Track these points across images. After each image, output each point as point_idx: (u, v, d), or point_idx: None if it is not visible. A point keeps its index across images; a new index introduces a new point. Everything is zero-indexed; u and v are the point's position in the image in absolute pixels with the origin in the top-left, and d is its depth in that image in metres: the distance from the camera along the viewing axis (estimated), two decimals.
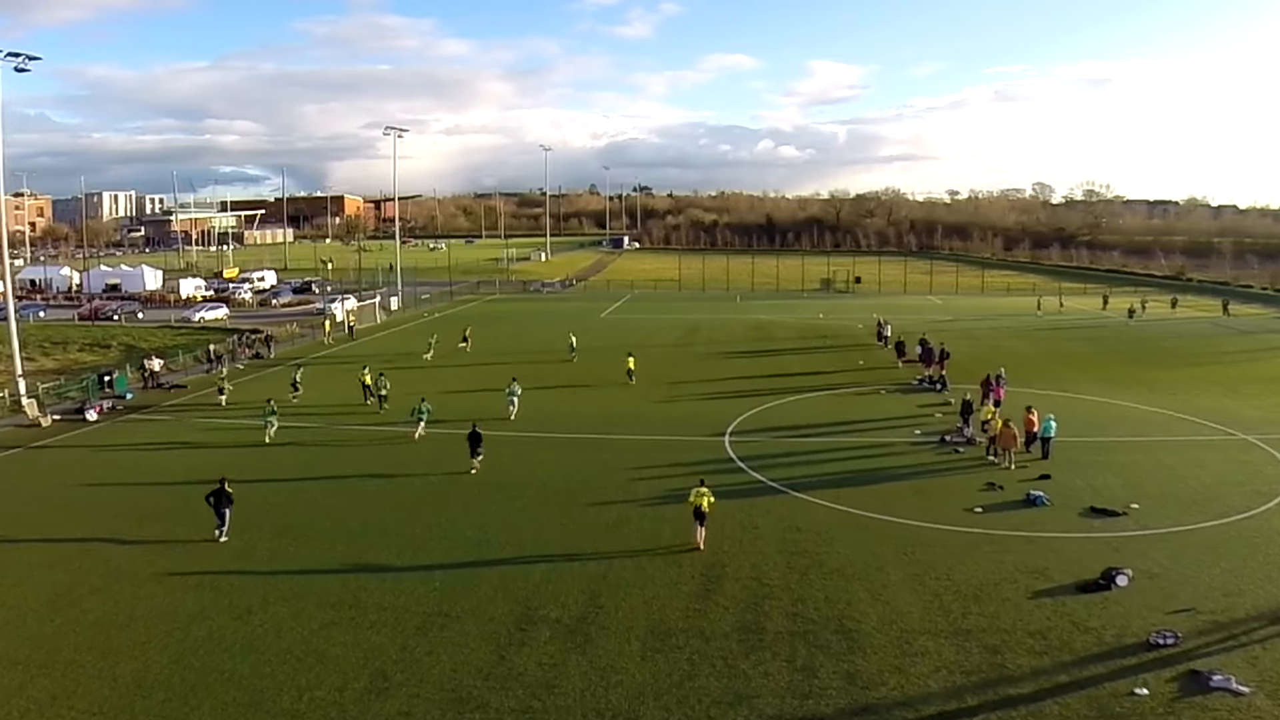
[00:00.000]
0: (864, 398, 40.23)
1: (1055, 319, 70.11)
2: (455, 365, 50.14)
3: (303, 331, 62.42)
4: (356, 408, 39.12)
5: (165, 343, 60.34)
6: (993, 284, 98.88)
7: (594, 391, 41.81)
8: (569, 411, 37.85)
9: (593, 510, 25.54)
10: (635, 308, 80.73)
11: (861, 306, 78.81)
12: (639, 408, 38.39)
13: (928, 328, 61.14)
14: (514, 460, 30.66)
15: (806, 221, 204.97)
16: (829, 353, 52.59)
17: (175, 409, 40.21)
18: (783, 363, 49.19)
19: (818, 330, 62.53)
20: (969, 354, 49.88)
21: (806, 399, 39.86)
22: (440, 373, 47.42)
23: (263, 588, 20.41)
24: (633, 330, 62.68)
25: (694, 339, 59.12)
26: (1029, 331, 62.72)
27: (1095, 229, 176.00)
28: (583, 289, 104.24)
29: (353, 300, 73.81)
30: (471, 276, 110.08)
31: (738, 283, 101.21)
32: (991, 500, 26.17)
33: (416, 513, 25.61)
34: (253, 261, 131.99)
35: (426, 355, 52.46)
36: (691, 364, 48.81)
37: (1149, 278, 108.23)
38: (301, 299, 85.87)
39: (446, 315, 75.85)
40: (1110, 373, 46.26)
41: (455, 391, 41.65)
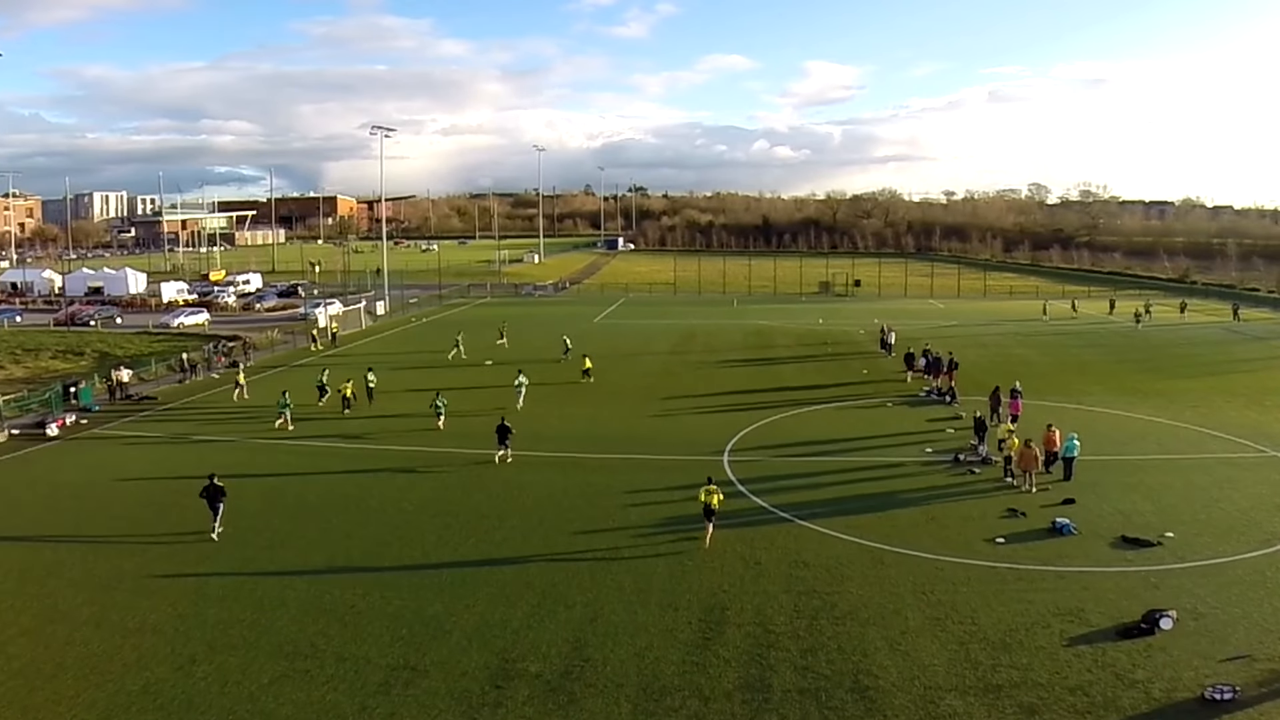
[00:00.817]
0: (870, 411, 38.13)
1: (1061, 324, 68.16)
2: (447, 367, 48.04)
3: (284, 338, 60.14)
4: (319, 412, 37.04)
5: (141, 350, 58.07)
6: (995, 287, 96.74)
7: (585, 405, 39.67)
8: (558, 427, 35.69)
9: (581, 541, 23.41)
10: (630, 312, 78.59)
11: (862, 311, 76.86)
12: (633, 423, 36.26)
13: (931, 334, 59.28)
14: (497, 483, 28.53)
15: (803, 222, 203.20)
16: (830, 361, 50.45)
17: (142, 422, 37.96)
18: (782, 373, 47.10)
19: (818, 337, 60.42)
20: (976, 362, 47.88)
21: (809, 413, 37.76)
22: (430, 375, 45.28)
23: (211, 633, 18.32)
24: (627, 336, 60.62)
25: (690, 346, 56.99)
26: (1036, 337, 60.75)
27: (1093, 230, 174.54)
28: (576, 292, 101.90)
29: (337, 305, 71.46)
30: (463, 279, 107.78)
31: (734, 285, 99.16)
32: (1014, 529, 24.10)
33: (387, 543, 23.48)
34: (241, 263, 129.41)
35: (452, 354, 53.33)
36: (687, 374, 46.66)
37: (1153, 280, 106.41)
38: (287, 303, 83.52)
39: (435, 320, 73.68)
40: (1126, 383, 44.25)
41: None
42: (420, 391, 42.50)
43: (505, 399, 38.80)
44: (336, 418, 37.50)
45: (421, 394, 40.73)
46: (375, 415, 38.11)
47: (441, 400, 35.85)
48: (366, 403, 39.74)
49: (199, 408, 40.86)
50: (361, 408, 39.01)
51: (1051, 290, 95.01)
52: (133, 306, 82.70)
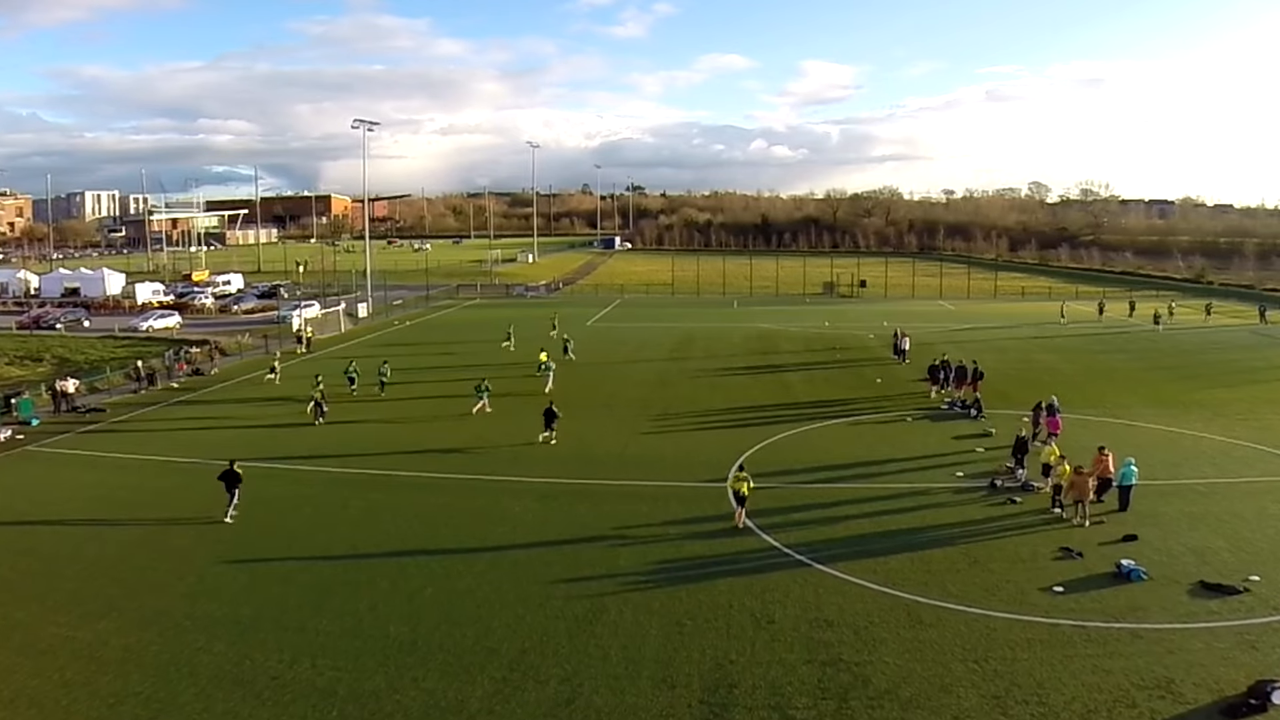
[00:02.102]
0: (888, 427, 34.38)
1: (1081, 327, 64.44)
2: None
3: (256, 342, 56.39)
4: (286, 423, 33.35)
5: (104, 355, 54.42)
6: (1005, 288, 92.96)
7: (573, 420, 35.83)
8: (541, 449, 31.96)
9: (559, 593, 19.73)
10: (625, 314, 74.57)
11: (870, 313, 73.08)
12: (625, 441, 32.54)
13: (945, 338, 55.77)
14: (467, 516, 24.83)
15: (803, 221, 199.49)
16: (840, 369, 46.63)
17: (85, 438, 34.22)
18: (789, 382, 43.28)
19: (825, 341, 56.54)
20: (997, 370, 44.22)
21: (820, 429, 34.03)
22: (402, 389, 41.63)
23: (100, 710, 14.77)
24: (621, 341, 56.81)
25: (688, 352, 53.12)
26: (1056, 341, 56.99)
27: (1097, 229, 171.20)
28: (569, 293, 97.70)
29: (315, 307, 67.71)
30: (453, 279, 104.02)
31: (734, 286, 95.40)
32: (1072, 574, 20.46)
33: (328, 592, 19.79)
34: (229, 263, 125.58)
35: (506, 344, 54.62)
36: (685, 384, 42.81)
37: (1167, 280, 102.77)
38: (267, 305, 79.72)
39: (420, 322, 69.89)
40: (1162, 392, 40.57)
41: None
42: (395, 400, 39.07)
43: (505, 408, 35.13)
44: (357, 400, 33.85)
45: (393, 403, 37.31)
46: (351, 421, 34.46)
47: (487, 384, 37.73)
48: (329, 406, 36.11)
49: (150, 421, 37.12)
50: (337, 413, 35.39)
51: (1064, 291, 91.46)
52: (105, 309, 79.00)
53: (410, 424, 35.26)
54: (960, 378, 37.93)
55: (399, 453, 31.07)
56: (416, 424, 35.31)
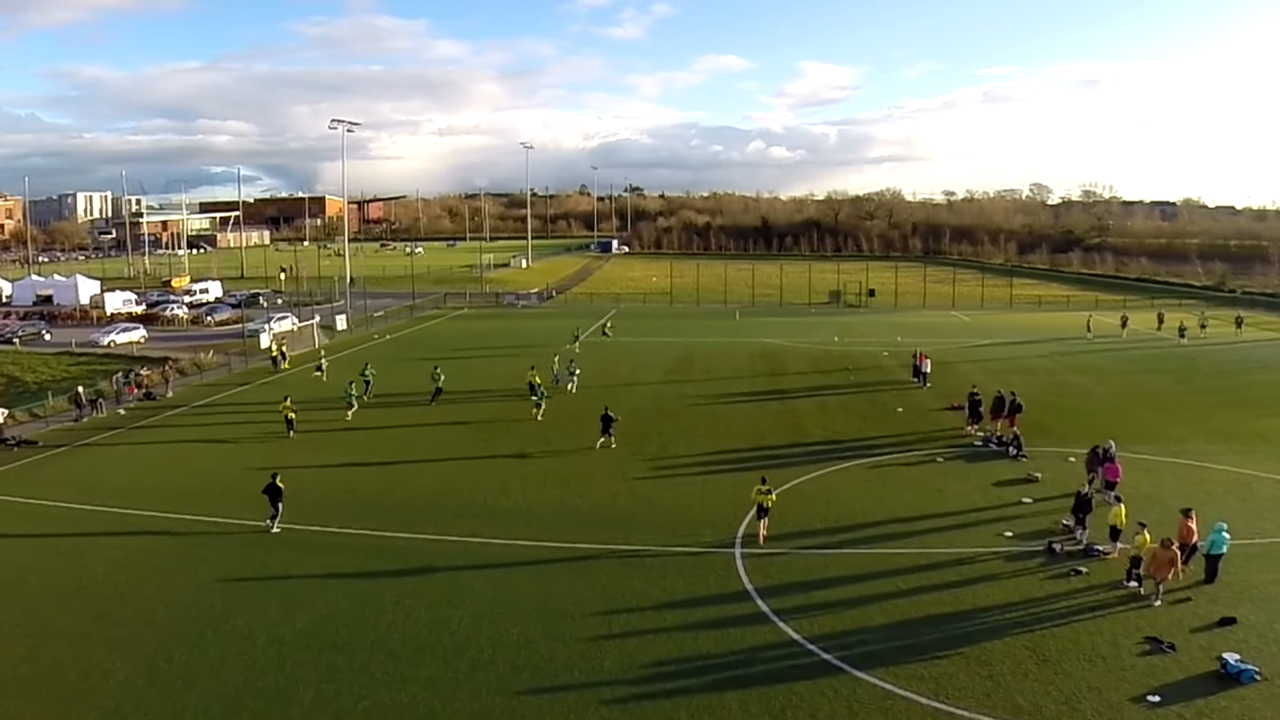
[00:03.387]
0: (916, 470, 30.16)
1: (1107, 342, 60.20)
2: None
3: (223, 360, 52.17)
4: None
5: (57, 374, 50.28)
6: (1021, 296, 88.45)
7: (557, 460, 31.78)
8: (519, 496, 27.81)
9: (528, 710, 15.65)
10: (620, 327, 69.65)
11: (880, 325, 68.84)
12: (615, 489, 28.32)
13: (966, 357, 51.70)
14: (419, 596, 20.60)
15: (804, 224, 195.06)
16: (855, 394, 42.28)
17: (6, 477, 30.03)
18: (800, 412, 38.77)
19: (836, 360, 52.07)
20: (1029, 395, 40.01)
21: (839, 473, 29.84)
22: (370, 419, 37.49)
23: None
24: (615, 359, 52.35)
25: (688, 373, 48.69)
26: (1085, 359, 52.60)
27: (1103, 232, 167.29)
28: (563, 302, 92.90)
29: (290, 319, 63.44)
30: (442, 286, 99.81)
31: (735, 293, 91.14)
32: (1166, 674, 16.60)
33: (234, 715, 15.65)
34: (214, 268, 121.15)
35: (572, 345, 55.63)
36: (684, 414, 38.36)
37: (1185, 288, 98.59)
38: (244, 315, 75.27)
39: (400, 336, 65.42)
40: (1216, 422, 36.43)
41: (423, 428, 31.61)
42: (366, 429, 34.88)
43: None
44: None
45: (362, 433, 33.12)
46: (312, 466, 30.30)
47: (542, 390, 38.35)
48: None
49: (82, 458, 32.90)
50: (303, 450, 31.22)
51: (1083, 300, 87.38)
52: (71, 320, 74.67)
53: (371, 467, 31.10)
54: (997, 410, 33.74)
55: (355, 503, 26.92)
56: (378, 467, 31.11)
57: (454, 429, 36.78)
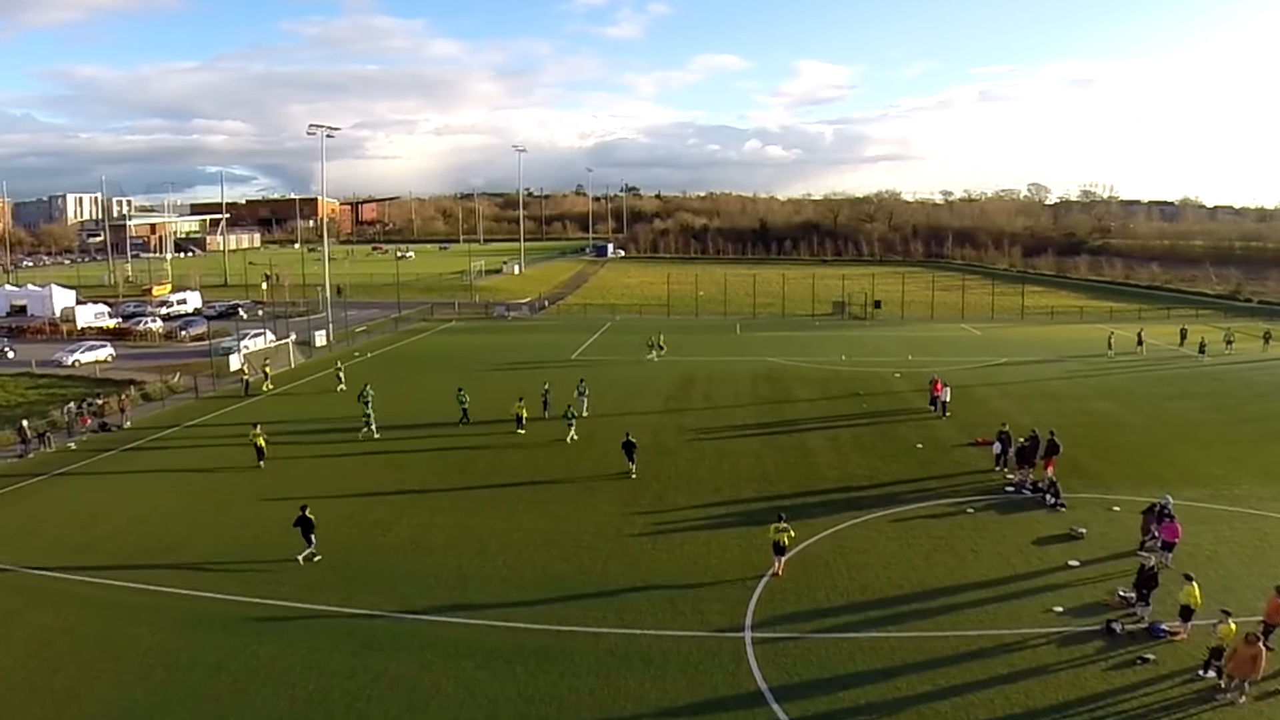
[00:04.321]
0: (945, 524, 26.91)
1: (1129, 359, 56.90)
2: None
3: (190, 384, 48.81)
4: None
5: (13, 398, 47.17)
6: (1032, 306, 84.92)
7: (542, 512, 28.51)
8: (499, 557, 24.56)
9: None
10: (615, 343, 66.25)
11: (889, 342, 65.41)
12: (608, 549, 25.06)
13: (984, 379, 48.45)
14: (376, 701, 17.36)
15: (802, 226, 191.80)
16: (869, 426, 38.87)
17: None
18: (810, 449, 35.23)
19: (845, 383, 48.46)
20: (1058, 427, 36.94)
21: (858, 528, 26.60)
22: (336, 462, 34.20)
23: None
24: (610, 382, 48.53)
25: (687, 399, 45.15)
26: (1111, 382, 48.98)
27: (1105, 233, 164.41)
28: (555, 313, 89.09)
29: (266, 336, 59.99)
30: (431, 295, 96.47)
31: (736, 302, 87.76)
32: None
33: None
34: (202, 271, 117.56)
35: (651, 356, 56.83)
36: (685, 452, 34.82)
37: (1200, 296, 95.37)
38: (222, 328, 71.91)
39: (382, 354, 61.82)
40: (1269, 459, 33.16)
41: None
42: (324, 458, 31.57)
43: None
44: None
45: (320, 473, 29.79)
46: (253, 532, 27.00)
47: (573, 411, 37.08)
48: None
49: (17, 510, 29.54)
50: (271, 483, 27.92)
51: (1096, 309, 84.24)
52: (42, 334, 71.14)
53: (335, 515, 27.80)
54: (1029, 453, 30.51)
55: (312, 567, 23.64)
56: (343, 517, 27.79)
57: (433, 463, 33.71)
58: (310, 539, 24.32)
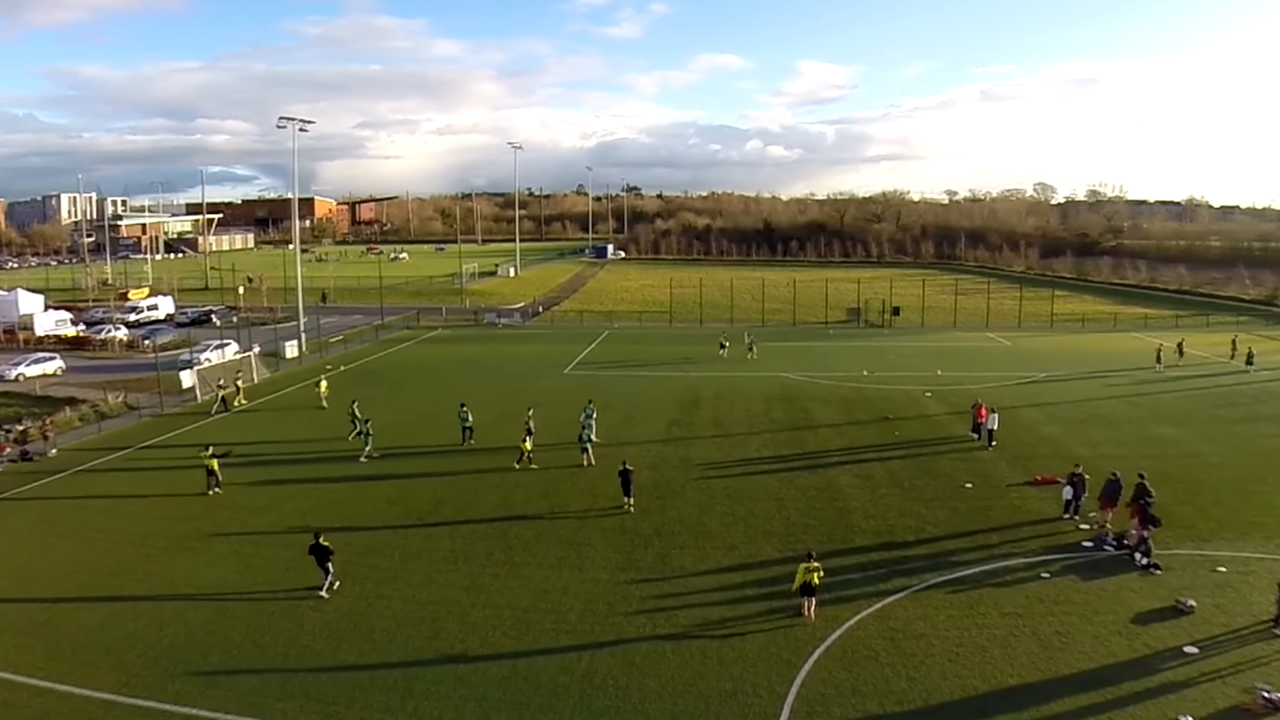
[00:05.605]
0: (1018, 595, 21.56)
1: (1181, 373, 51.62)
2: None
3: (136, 404, 43.67)
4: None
5: None
6: (1062, 313, 78.87)
7: (518, 569, 23.38)
8: (453, 645, 19.35)
9: None
10: (613, 354, 60.61)
11: (913, 353, 59.87)
12: (596, 634, 19.78)
13: (1027, 400, 43.04)
14: None
15: (808, 226, 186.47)
16: (904, 458, 33.36)
17: None
18: (839, 489, 29.73)
19: (870, 404, 42.97)
20: (1118, 456, 31.91)
21: (910, 600, 21.32)
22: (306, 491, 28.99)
23: None
24: (605, 404, 40.48)
25: (693, 424, 39.47)
26: (1167, 402, 43.48)
27: (1117, 233, 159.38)
28: (549, 320, 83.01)
29: (230, 348, 54.85)
30: (419, 300, 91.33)
31: (742, 308, 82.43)
32: None
33: None
34: (185, 273, 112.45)
35: (723, 353, 57.01)
36: (691, 494, 29.39)
37: (1234, 301, 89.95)
38: (190, 337, 66.70)
39: (356, 368, 56.27)
40: None
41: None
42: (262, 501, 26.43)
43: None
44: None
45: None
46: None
47: (590, 431, 33.77)
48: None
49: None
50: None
51: (1129, 317, 78.83)
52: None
53: (268, 572, 22.61)
54: (1110, 494, 25.32)
55: (218, 652, 18.41)
56: (251, 603, 22.62)
57: (395, 501, 28.69)
58: (326, 568, 21.85)
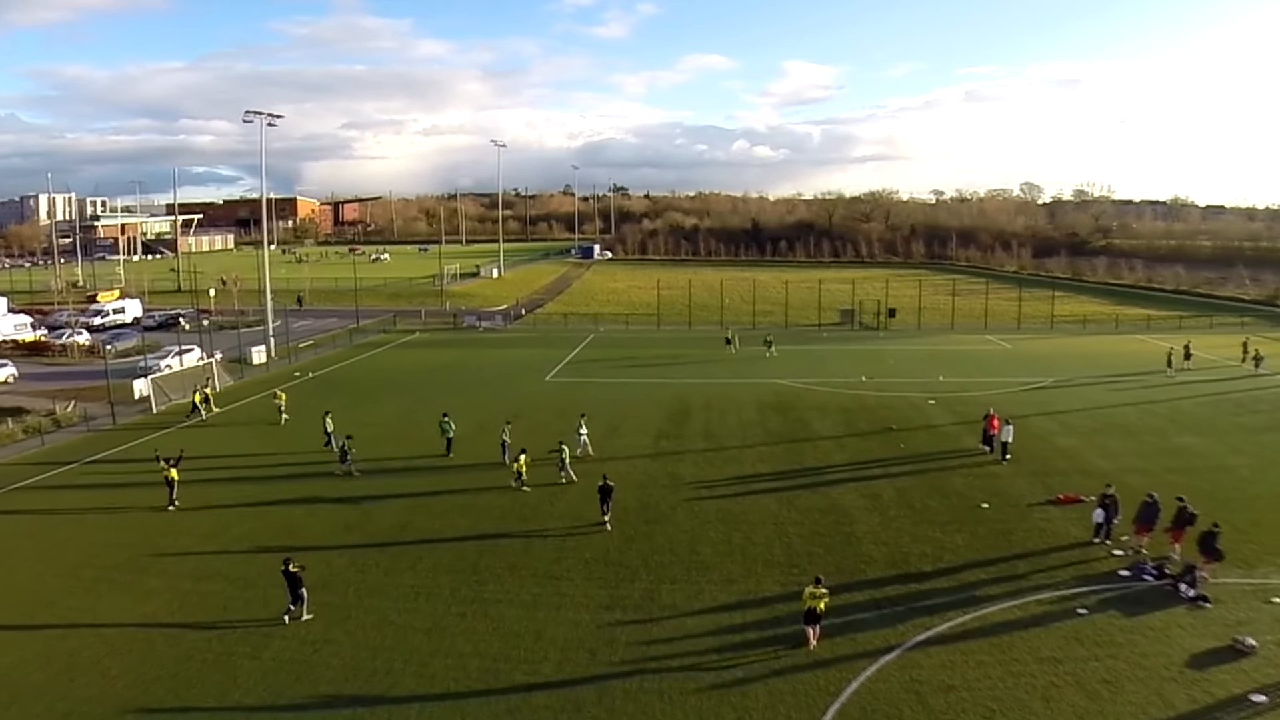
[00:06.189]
0: (1054, 635, 18.97)
1: (1194, 377, 49.27)
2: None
3: (86, 415, 40.72)
4: None
5: None
6: (1062, 314, 76.33)
7: (487, 606, 20.72)
8: (406, 714, 16.63)
9: None
10: (597, 360, 57.52)
11: (912, 357, 57.11)
12: (575, 700, 17.15)
13: (1037, 408, 40.43)
14: None
15: (796, 226, 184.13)
16: (913, 474, 30.68)
17: None
18: (844, 510, 27.17)
19: (871, 413, 40.31)
20: (1141, 468, 29.62)
21: (932, 645, 18.76)
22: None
23: None
24: (589, 414, 36.96)
25: (683, 437, 36.46)
26: (1185, 408, 41.10)
27: (1106, 233, 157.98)
28: (531, 323, 79.65)
29: (194, 353, 51.85)
30: (397, 302, 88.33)
31: (732, 310, 79.75)
32: None
33: None
34: (143, 279, 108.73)
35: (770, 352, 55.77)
36: (681, 517, 26.77)
37: (1234, 302, 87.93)
38: (155, 341, 63.47)
39: (330, 373, 53.29)
40: None
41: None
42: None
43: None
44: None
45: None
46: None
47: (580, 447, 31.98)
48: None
49: None
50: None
51: (1132, 317, 76.59)
52: None
53: (181, 645, 19.86)
54: (1148, 517, 22.87)
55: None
56: (188, 644, 19.86)
57: (360, 523, 25.92)
58: (297, 594, 19.93)
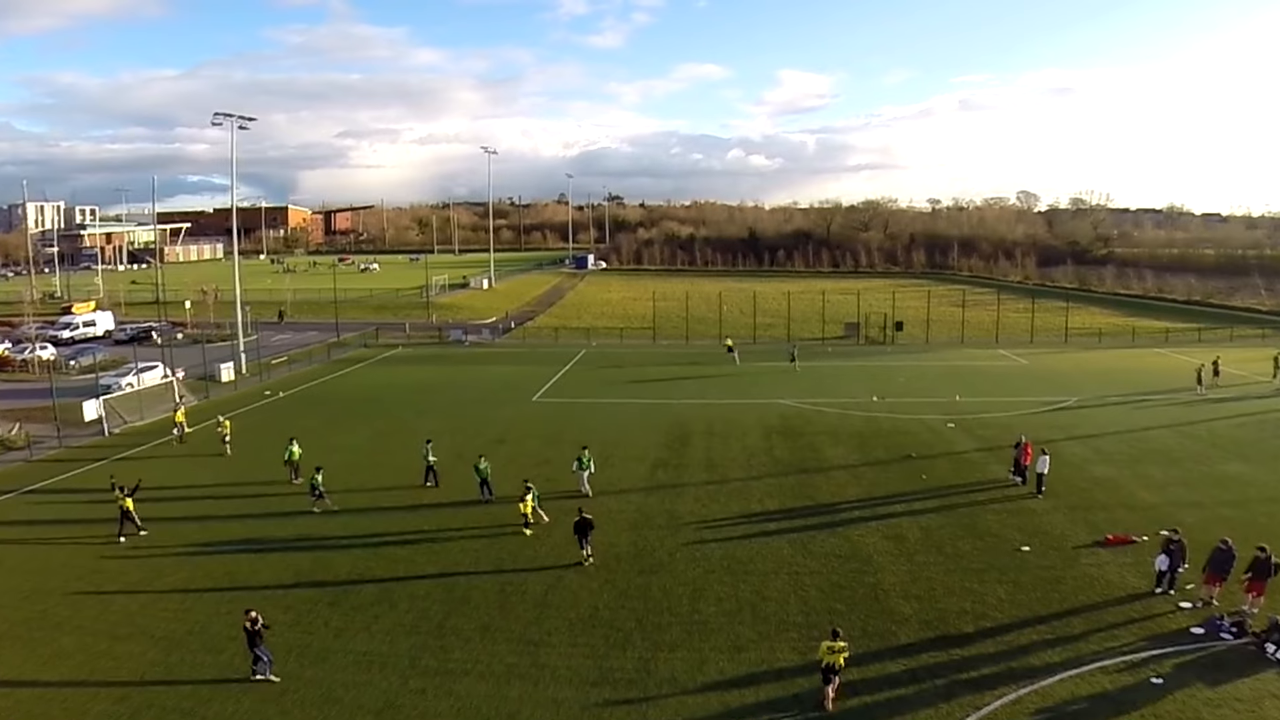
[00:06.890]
0: (1128, 709, 15.81)
1: (1226, 394, 46.11)
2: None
3: (39, 432, 37.45)
4: None
5: None
6: (1075, 326, 72.88)
7: (453, 680, 17.49)
8: None
9: None
10: (589, 379, 53.89)
11: (924, 375, 53.80)
12: None
13: (1065, 432, 37.09)
14: None
15: (794, 235, 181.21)
16: (939, 510, 27.35)
17: None
18: (866, 555, 23.92)
19: (887, 438, 36.89)
20: (1189, 501, 26.52)
21: None
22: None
23: None
24: (577, 440, 34.01)
25: (682, 466, 32.97)
26: (1223, 429, 38.02)
27: (1106, 241, 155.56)
28: (521, 337, 76.06)
29: (158, 370, 48.54)
30: (382, 314, 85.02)
31: (731, 323, 76.36)
32: None
33: None
34: (118, 290, 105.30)
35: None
36: (681, 564, 23.46)
37: (1251, 313, 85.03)
38: (122, 357, 60.10)
39: (299, 393, 49.72)
40: None
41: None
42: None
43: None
44: None
45: None
46: None
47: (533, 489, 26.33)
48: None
49: None
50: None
51: (1150, 330, 73.50)
52: None
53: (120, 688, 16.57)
54: (1221, 569, 19.70)
55: None
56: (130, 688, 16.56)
57: (308, 574, 22.42)
58: (255, 653, 17.70)
